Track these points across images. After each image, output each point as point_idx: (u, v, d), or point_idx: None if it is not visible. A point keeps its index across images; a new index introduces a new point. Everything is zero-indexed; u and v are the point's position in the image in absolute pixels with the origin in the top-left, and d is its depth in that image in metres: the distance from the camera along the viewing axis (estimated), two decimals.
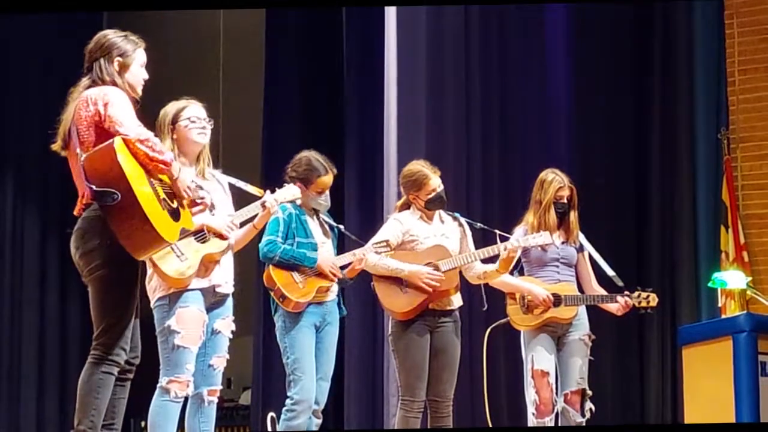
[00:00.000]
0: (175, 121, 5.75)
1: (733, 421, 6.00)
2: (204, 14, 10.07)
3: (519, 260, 6.86)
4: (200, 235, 5.60)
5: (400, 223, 6.64)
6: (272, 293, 6.38)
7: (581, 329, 6.80)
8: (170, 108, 5.79)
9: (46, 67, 9.51)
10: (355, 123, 9.05)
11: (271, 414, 7.58)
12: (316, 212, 6.56)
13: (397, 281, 6.53)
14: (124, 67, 5.06)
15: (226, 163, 6.09)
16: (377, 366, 8.41)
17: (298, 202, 6.30)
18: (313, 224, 6.50)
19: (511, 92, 8.83)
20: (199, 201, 5.23)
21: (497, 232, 6.64)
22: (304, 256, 6.35)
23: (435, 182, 6.62)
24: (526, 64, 8.86)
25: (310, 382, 6.31)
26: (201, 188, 5.32)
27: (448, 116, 8.60)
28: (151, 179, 4.89)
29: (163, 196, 4.94)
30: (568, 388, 6.76)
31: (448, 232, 6.66)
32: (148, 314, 5.60)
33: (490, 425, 7.06)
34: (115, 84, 5.01)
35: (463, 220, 6.72)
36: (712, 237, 8.53)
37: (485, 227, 6.72)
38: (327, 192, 6.51)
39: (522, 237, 6.63)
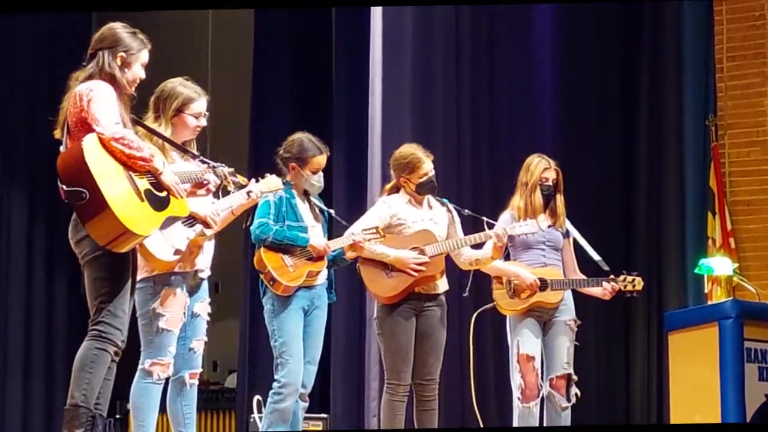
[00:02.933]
0: (181, 110, 5.71)
1: (719, 407, 6.01)
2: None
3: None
4: (187, 221, 5.61)
5: (388, 206, 6.64)
6: (262, 276, 6.37)
7: (567, 314, 6.81)
8: (180, 91, 5.73)
9: (34, 56, 9.48)
10: (343, 109, 9.04)
11: (257, 397, 7.60)
12: (307, 196, 6.55)
13: (382, 266, 6.52)
14: (126, 64, 5.08)
15: (214, 148, 6.09)
16: (363, 350, 8.41)
17: (279, 193, 6.31)
18: (303, 208, 6.50)
19: (498, 76, 8.80)
20: (205, 182, 5.39)
21: (485, 219, 6.64)
22: (296, 236, 6.35)
23: (428, 166, 6.61)
24: (513, 50, 8.84)
25: (297, 365, 6.32)
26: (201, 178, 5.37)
27: (435, 103, 8.58)
28: (131, 173, 4.93)
29: (147, 187, 4.98)
30: (553, 373, 6.77)
31: (436, 217, 6.66)
32: None
33: (477, 409, 7.06)
34: (113, 78, 5.03)
35: (451, 206, 6.71)
36: (699, 223, 8.54)
37: (473, 214, 6.72)
38: (321, 173, 6.51)
39: (509, 225, 6.63)
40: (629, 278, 6.81)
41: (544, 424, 6.77)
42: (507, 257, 6.89)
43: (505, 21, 8.82)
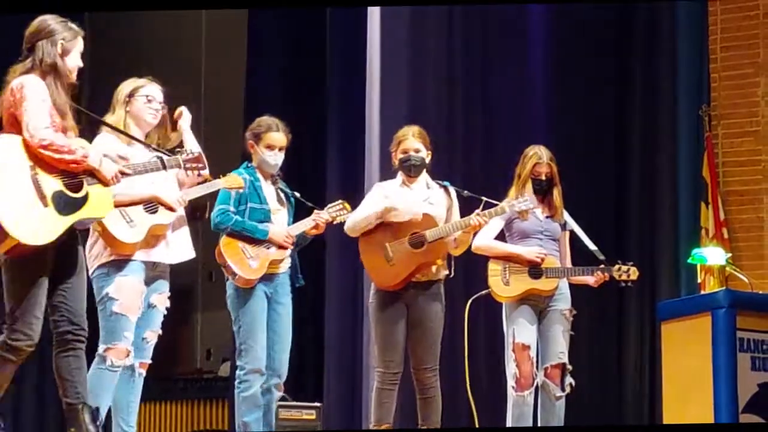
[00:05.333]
0: (132, 95, 5.93)
1: (711, 396, 6.02)
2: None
3: (502, 232, 6.88)
4: (150, 206, 5.75)
5: (381, 189, 6.65)
6: (223, 269, 6.39)
7: (563, 303, 6.82)
8: (128, 83, 5.97)
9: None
10: (337, 103, 9.04)
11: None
12: (273, 180, 6.54)
13: (384, 253, 6.50)
14: (65, 52, 5.16)
15: (207, 149, 6.13)
16: (357, 338, 8.41)
17: (243, 176, 6.36)
18: (267, 190, 6.51)
19: (491, 66, 8.78)
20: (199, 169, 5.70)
21: (484, 199, 6.64)
22: (255, 228, 6.36)
23: (409, 144, 6.62)
24: (506, 39, 8.81)
25: (261, 351, 6.34)
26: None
27: (429, 96, 8.59)
28: (38, 175, 4.95)
29: (58, 189, 5.00)
30: (548, 362, 6.78)
31: (433, 198, 6.65)
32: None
33: (471, 396, 7.06)
34: (55, 67, 5.10)
35: (452, 189, 6.70)
36: (692, 213, 8.54)
37: (473, 195, 6.71)
38: (277, 151, 6.50)
39: (506, 203, 6.63)
40: (624, 268, 6.82)
41: (538, 414, 6.79)
42: None
43: (497, 11, 8.81)
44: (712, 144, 8.54)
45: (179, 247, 5.94)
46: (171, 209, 5.80)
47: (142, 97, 5.93)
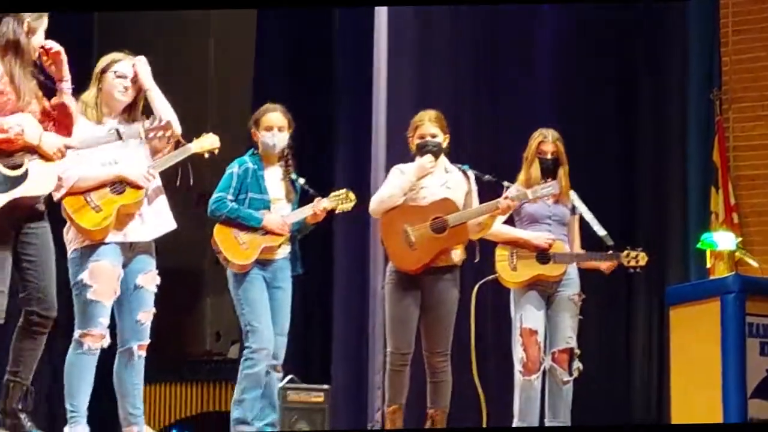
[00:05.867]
0: (104, 70, 5.85)
1: (720, 382, 6.01)
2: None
3: (511, 217, 6.87)
4: (116, 186, 5.69)
5: (400, 172, 6.63)
6: (217, 255, 6.40)
7: (571, 288, 6.82)
8: (104, 58, 5.89)
9: None
10: (344, 94, 9.05)
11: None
12: (285, 166, 6.52)
13: (405, 237, 6.50)
14: (32, 30, 5.15)
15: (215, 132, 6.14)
16: (365, 322, 8.41)
17: (246, 164, 6.36)
18: (271, 179, 6.49)
19: (497, 51, 8.74)
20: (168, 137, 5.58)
21: (505, 183, 6.63)
22: (249, 215, 6.36)
23: (426, 130, 6.60)
24: (512, 23, 8.77)
25: (267, 331, 6.36)
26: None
27: (437, 77, 8.57)
28: None
29: None
30: (556, 347, 6.78)
31: (451, 182, 6.62)
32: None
33: (477, 381, 7.06)
34: (17, 44, 5.09)
35: (471, 173, 6.67)
36: (702, 197, 8.50)
37: (493, 179, 6.69)
38: (276, 131, 6.48)
39: (530, 189, 6.61)
40: (633, 254, 6.81)
41: (546, 398, 6.79)
42: None
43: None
44: (723, 128, 8.50)
45: (156, 221, 5.85)
46: (138, 186, 5.71)
47: (112, 74, 5.83)
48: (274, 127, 6.48)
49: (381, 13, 8.39)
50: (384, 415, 6.76)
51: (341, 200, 6.57)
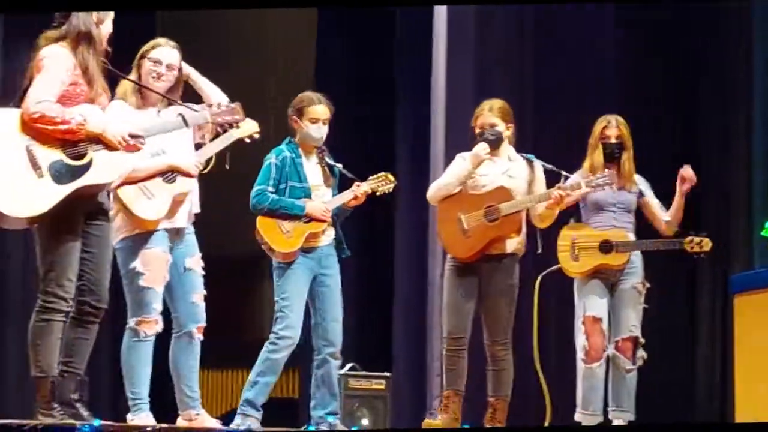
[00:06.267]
0: (142, 56, 5.89)
1: None
2: None
3: (577, 205, 6.84)
4: (167, 175, 5.73)
5: (462, 160, 6.63)
6: (262, 246, 6.40)
7: (635, 277, 6.78)
8: (147, 44, 5.91)
9: None
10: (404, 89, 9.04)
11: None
12: (319, 153, 6.51)
13: (460, 225, 6.50)
14: (100, 21, 5.20)
15: (278, 143, 6.14)
16: (425, 309, 8.42)
17: (284, 154, 6.35)
18: (309, 167, 6.48)
19: (559, 42, 8.66)
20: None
21: (563, 173, 6.60)
22: (292, 205, 6.35)
23: (485, 119, 6.62)
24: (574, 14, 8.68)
25: (296, 321, 6.35)
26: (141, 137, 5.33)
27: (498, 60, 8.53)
28: (33, 147, 4.99)
29: (57, 159, 5.02)
30: (619, 336, 6.76)
31: (513, 171, 6.63)
32: None
33: (540, 371, 7.03)
34: (89, 35, 5.13)
35: (537, 162, 6.65)
36: (767, 184, 8.38)
37: (555, 168, 6.67)
38: (320, 124, 6.46)
39: (584, 179, 6.58)
40: (696, 239, 6.76)
41: (609, 387, 6.75)
42: (579, 219, 6.88)
43: None
44: None
45: (191, 208, 5.92)
46: (189, 176, 5.79)
47: (148, 61, 5.86)
48: (320, 119, 6.47)
49: (440, 12, 8.36)
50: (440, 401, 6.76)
51: (381, 182, 6.58)
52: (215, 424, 6.04)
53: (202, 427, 5.94)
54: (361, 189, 6.50)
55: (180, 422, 5.88)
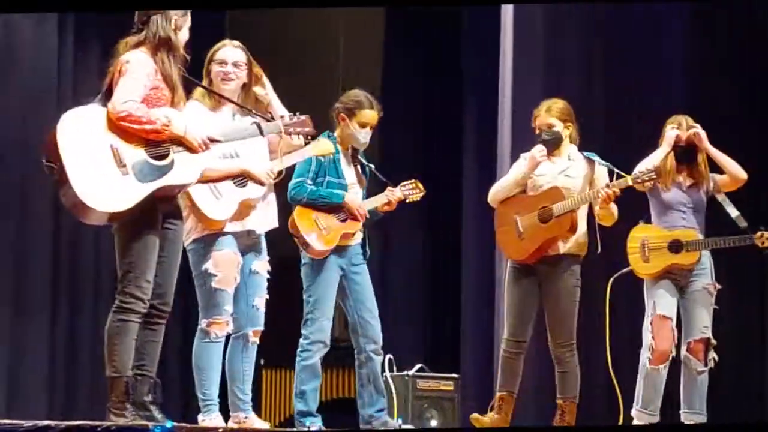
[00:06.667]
0: (210, 60, 5.96)
1: None
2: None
3: (648, 206, 6.80)
4: (239, 179, 5.77)
5: (523, 160, 6.62)
6: (296, 240, 6.38)
7: (705, 278, 6.71)
8: (213, 47, 5.98)
9: None
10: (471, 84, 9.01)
11: (388, 356, 7.64)
12: (354, 153, 6.53)
13: (515, 227, 6.51)
14: (178, 27, 5.28)
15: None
16: (493, 310, 8.40)
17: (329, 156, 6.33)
18: (346, 165, 6.48)
19: (628, 42, 8.59)
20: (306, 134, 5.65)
21: (615, 170, 6.53)
22: (331, 193, 6.36)
23: (542, 120, 6.62)
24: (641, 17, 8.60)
25: (326, 323, 6.36)
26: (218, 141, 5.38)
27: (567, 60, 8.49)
28: (118, 145, 5.06)
29: (140, 158, 5.08)
30: (691, 337, 6.68)
31: (571, 170, 6.60)
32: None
33: (613, 374, 6.98)
34: (168, 41, 5.22)
35: (598, 160, 6.61)
36: None
37: (610, 166, 6.58)
38: (368, 129, 6.47)
39: (631, 176, 6.49)
40: (767, 234, 6.66)
41: (681, 389, 6.68)
42: (649, 220, 6.82)
43: None
44: None
45: (268, 217, 5.96)
46: (261, 183, 5.82)
47: (214, 64, 5.93)
48: (369, 125, 6.47)
49: (507, 10, 8.34)
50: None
51: (411, 190, 6.60)
52: (264, 425, 6.09)
53: (263, 429, 6.03)
54: (395, 194, 6.54)
55: (230, 424, 5.91)
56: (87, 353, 8.64)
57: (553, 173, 6.58)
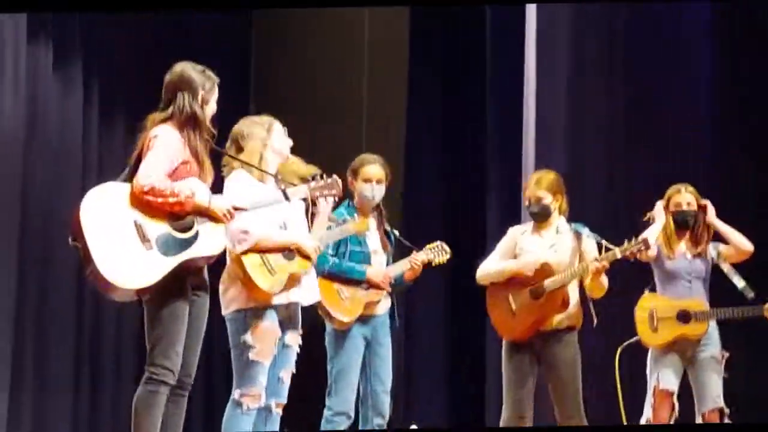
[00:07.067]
0: (269, 129, 5.95)
1: None
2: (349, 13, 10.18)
3: (652, 276, 6.82)
4: (288, 252, 5.79)
5: (512, 234, 6.65)
6: (319, 310, 6.37)
7: (713, 348, 6.69)
8: (255, 120, 5.99)
9: None
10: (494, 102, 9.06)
11: (413, 426, 7.64)
12: (380, 219, 6.56)
13: (507, 304, 6.51)
14: (205, 101, 5.31)
15: (369, 149, 6.21)
16: None
17: (344, 216, 6.37)
18: (368, 231, 6.49)
19: (652, 76, 8.58)
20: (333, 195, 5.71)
21: (603, 242, 6.45)
22: (352, 269, 6.40)
23: (530, 192, 6.57)
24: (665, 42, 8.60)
25: (351, 395, 6.37)
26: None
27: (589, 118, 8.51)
28: (142, 220, 5.09)
29: (164, 231, 5.10)
30: (705, 408, 6.65)
31: (559, 245, 6.55)
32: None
33: None
34: (195, 117, 5.25)
35: (586, 233, 6.52)
36: None
37: (598, 238, 6.49)
38: (374, 184, 6.51)
39: (619, 248, 6.42)
40: None
41: None
42: (653, 289, 6.84)
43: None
44: None
45: (311, 289, 5.97)
46: (308, 258, 5.84)
47: (279, 131, 5.96)
48: (373, 179, 6.51)
49: (531, 11, 8.35)
50: None
51: (436, 253, 6.60)
52: None
53: None
54: (418, 259, 6.53)
55: None
56: (109, 428, 8.71)
57: (543, 247, 6.55)
